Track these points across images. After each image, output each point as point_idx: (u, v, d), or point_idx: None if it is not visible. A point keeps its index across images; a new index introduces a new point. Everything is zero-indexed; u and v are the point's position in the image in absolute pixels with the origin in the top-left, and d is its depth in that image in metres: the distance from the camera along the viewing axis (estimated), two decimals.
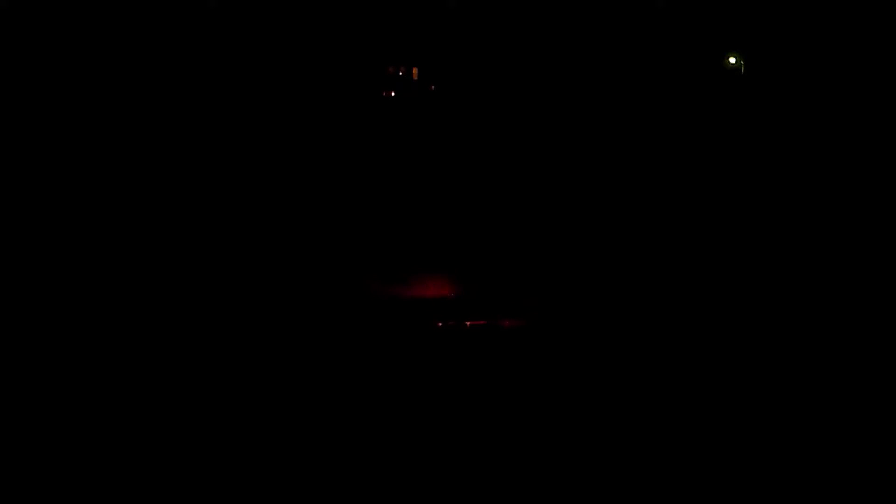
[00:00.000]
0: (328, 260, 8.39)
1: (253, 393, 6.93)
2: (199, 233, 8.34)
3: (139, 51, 8.50)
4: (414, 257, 8.47)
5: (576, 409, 6.80)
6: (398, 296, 8.28)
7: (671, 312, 7.95)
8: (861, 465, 6.08)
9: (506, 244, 8.51)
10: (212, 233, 8.35)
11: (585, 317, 8.01)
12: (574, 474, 6.11)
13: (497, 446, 6.36)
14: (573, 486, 6.03)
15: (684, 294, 8.09)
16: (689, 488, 5.99)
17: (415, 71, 8.91)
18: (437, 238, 8.56)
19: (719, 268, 8.22)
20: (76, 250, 8.08)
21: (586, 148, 8.63)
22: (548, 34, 8.73)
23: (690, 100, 8.62)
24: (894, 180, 8.20)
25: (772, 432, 6.46)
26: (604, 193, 8.55)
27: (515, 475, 6.10)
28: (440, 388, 7.15)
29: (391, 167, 8.71)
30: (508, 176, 8.65)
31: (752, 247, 8.28)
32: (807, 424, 6.50)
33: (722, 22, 8.57)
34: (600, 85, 8.68)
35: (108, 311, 7.74)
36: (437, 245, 8.54)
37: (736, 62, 8.55)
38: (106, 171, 8.35)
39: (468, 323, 8.05)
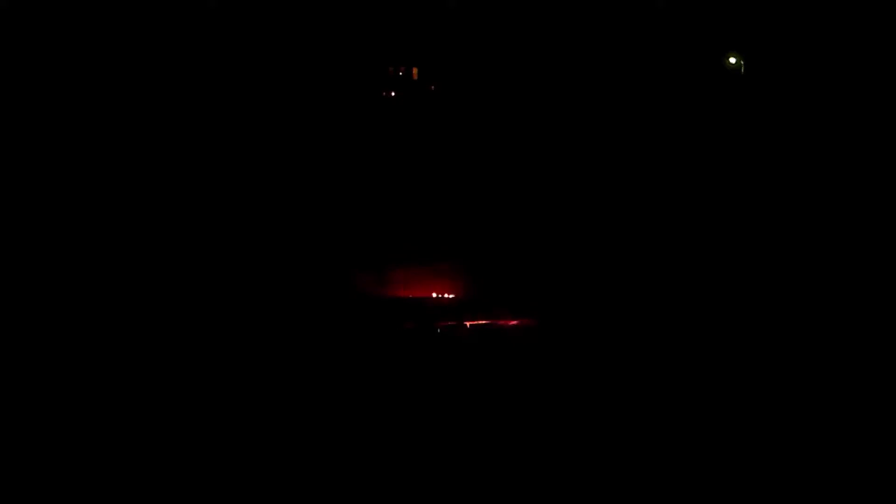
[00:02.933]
0: (327, 260, 8.40)
1: (250, 394, 6.94)
2: (197, 232, 8.34)
3: (139, 51, 8.50)
4: (413, 258, 8.47)
5: (577, 410, 6.81)
6: (397, 296, 8.30)
7: (673, 312, 7.96)
8: (861, 465, 6.08)
9: (506, 244, 8.51)
10: (210, 232, 8.36)
11: (586, 317, 8.01)
12: (575, 475, 6.12)
13: (497, 447, 6.36)
14: (574, 487, 6.03)
15: (686, 294, 8.10)
16: (691, 488, 5.99)
17: (415, 71, 8.91)
18: (436, 239, 8.56)
19: (721, 268, 8.23)
20: (73, 250, 8.09)
21: (586, 148, 8.63)
22: (548, 34, 8.73)
23: (690, 100, 8.62)
24: (894, 181, 8.20)
25: (775, 432, 6.46)
26: (604, 193, 8.55)
27: (516, 476, 6.10)
28: (439, 388, 7.15)
29: (391, 167, 8.72)
30: (509, 176, 8.66)
31: (752, 247, 8.28)
32: (808, 427, 6.51)
33: (722, 22, 8.56)
34: (600, 85, 8.68)
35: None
36: (436, 246, 8.55)
37: (736, 62, 8.55)
38: (105, 170, 8.35)
39: (468, 324, 8.06)
